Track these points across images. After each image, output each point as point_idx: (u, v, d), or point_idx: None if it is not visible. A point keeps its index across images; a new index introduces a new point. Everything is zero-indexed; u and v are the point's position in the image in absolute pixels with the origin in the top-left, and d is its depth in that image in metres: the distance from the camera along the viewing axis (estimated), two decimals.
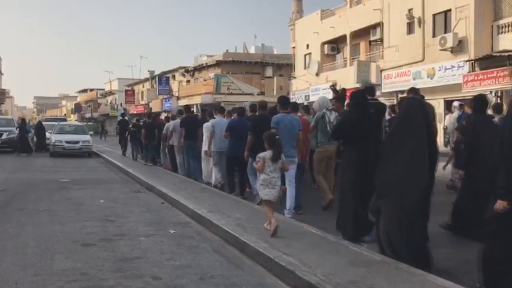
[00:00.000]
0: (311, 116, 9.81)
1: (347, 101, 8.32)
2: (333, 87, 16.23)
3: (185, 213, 8.21)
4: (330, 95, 19.87)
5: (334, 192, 8.00)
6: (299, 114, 9.42)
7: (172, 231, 6.89)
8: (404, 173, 4.78)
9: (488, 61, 18.00)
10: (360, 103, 6.33)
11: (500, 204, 3.89)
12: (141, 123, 17.88)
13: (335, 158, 8.24)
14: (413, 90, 8.55)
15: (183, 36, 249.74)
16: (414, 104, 5.20)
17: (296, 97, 30.52)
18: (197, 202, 8.40)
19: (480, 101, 6.55)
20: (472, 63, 18.69)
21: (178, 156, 13.40)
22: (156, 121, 16.36)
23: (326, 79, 27.99)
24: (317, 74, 29.32)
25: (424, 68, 20.90)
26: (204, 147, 10.84)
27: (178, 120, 13.37)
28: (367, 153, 5.72)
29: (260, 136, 6.69)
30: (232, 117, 10.61)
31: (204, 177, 11.44)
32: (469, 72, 18.67)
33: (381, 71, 23.81)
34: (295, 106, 9.28)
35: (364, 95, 6.72)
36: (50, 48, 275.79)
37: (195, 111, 27.25)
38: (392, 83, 22.89)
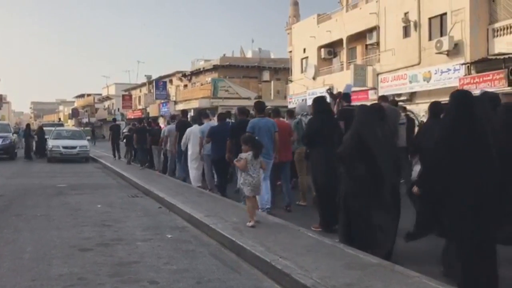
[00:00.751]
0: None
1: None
2: (329, 91, 16.44)
3: (182, 217, 8.22)
4: (327, 99, 19.99)
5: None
6: (282, 118, 10.12)
7: (169, 236, 6.90)
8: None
9: (484, 64, 18.08)
10: (323, 110, 7.16)
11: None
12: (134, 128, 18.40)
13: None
14: (383, 98, 9.57)
15: (180, 40, 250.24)
16: (365, 111, 5.80)
17: (294, 101, 30.60)
18: (194, 207, 8.41)
19: (435, 106, 6.42)
20: (468, 66, 18.77)
21: (170, 160, 14.08)
22: (151, 126, 16.87)
23: (323, 83, 28.06)
24: (314, 78, 29.39)
25: (421, 72, 20.98)
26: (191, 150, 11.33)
27: (173, 125, 13.68)
28: (332, 153, 6.19)
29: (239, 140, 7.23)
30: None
31: (192, 181, 11.66)
32: (465, 75, 18.75)
33: (378, 74, 23.89)
34: (277, 111, 9.98)
35: (326, 101, 7.63)
36: (47, 53, 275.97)
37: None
38: (388, 87, 22.96)
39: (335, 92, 18.56)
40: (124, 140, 19.93)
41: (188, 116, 15.21)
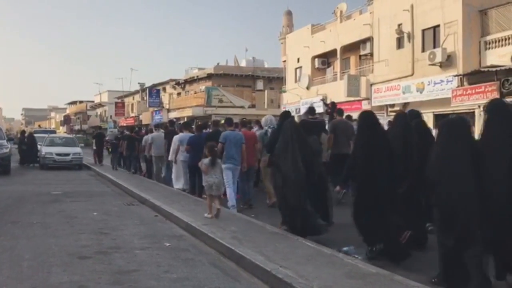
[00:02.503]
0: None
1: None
2: (323, 101, 16.67)
3: (179, 226, 8.24)
4: (321, 108, 20.17)
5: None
6: (254, 129, 11.60)
7: (168, 244, 6.92)
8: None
9: (476, 76, 18.29)
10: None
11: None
12: (120, 136, 20.19)
13: None
14: (310, 110, 10.90)
15: (174, 48, 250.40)
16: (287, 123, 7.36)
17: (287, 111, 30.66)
18: (191, 215, 8.43)
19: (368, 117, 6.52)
20: (460, 78, 18.97)
21: (155, 165, 15.16)
22: (139, 134, 18.08)
23: (317, 93, 28.20)
24: (307, 88, 29.52)
25: (414, 82, 21.17)
26: (171, 157, 12.62)
27: (156, 133, 15.10)
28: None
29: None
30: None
31: (175, 185, 12.82)
32: (458, 86, 18.94)
33: (371, 85, 24.07)
34: (245, 123, 11.60)
35: (288, 115, 8.50)
36: (39, 59, 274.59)
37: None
38: (382, 97, 23.13)
39: (328, 102, 18.80)
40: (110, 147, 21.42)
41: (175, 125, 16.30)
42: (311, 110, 11.02)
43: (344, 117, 11.60)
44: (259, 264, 5.28)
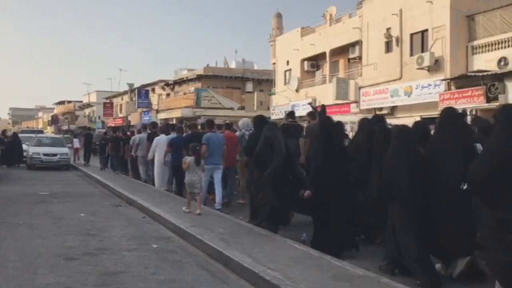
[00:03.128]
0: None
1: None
2: (311, 104, 16.95)
3: (167, 227, 8.22)
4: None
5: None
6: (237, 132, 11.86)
7: (155, 246, 6.90)
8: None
9: (464, 80, 18.50)
10: (259, 126, 8.39)
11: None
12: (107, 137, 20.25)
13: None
14: (290, 114, 11.41)
15: (164, 49, 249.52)
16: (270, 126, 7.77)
17: (276, 112, 30.76)
18: (179, 217, 8.42)
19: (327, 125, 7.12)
20: (448, 82, 19.17)
21: (141, 166, 15.28)
22: (126, 135, 18.19)
23: (306, 95, 28.32)
24: (297, 90, 29.63)
25: (402, 86, 21.34)
26: (150, 156, 13.09)
27: (144, 134, 15.26)
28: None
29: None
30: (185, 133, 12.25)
31: (157, 186, 13.04)
32: (445, 90, 19.14)
33: (360, 88, 24.22)
34: (229, 125, 11.93)
35: (263, 119, 8.86)
36: (26, 58, 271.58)
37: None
38: (370, 100, 23.28)
39: (317, 105, 18.90)
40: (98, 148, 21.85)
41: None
42: (291, 113, 11.52)
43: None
44: (247, 266, 5.29)
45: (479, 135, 6.39)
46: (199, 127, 13.12)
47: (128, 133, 18.99)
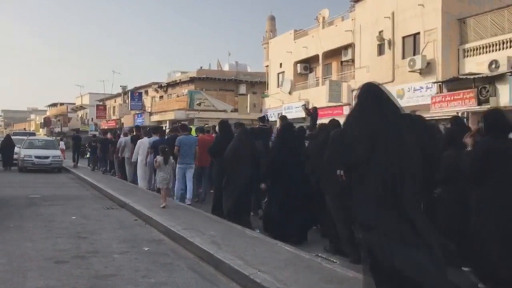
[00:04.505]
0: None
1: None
2: (304, 107, 17.03)
3: (158, 230, 8.19)
4: (302, 113, 20.25)
5: None
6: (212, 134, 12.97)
7: (146, 249, 6.88)
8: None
9: (455, 83, 18.61)
10: (224, 129, 10.05)
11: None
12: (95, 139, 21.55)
13: None
14: (261, 119, 12.48)
15: (157, 52, 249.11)
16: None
17: (270, 115, 30.77)
18: (171, 219, 8.40)
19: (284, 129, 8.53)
20: (439, 84, 19.28)
21: (127, 166, 15.78)
22: (116, 138, 18.39)
23: (299, 98, 28.37)
24: (290, 93, 29.68)
25: (394, 89, 21.39)
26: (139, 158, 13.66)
27: (129, 137, 15.84)
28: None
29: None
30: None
31: (140, 185, 13.79)
32: (437, 93, 19.25)
33: (352, 90, 24.25)
34: (202, 129, 13.28)
35: (228, 124, 10.21)
36: (18, 60, 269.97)
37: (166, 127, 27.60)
38: None
39: (310, 107, 18.92)
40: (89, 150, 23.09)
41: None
42: (262, 118, 12.75)
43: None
44: (238, 268, 5.29)
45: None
46: (209, 129, 14.52)
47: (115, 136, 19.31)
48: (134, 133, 16.11)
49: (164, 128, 18.14)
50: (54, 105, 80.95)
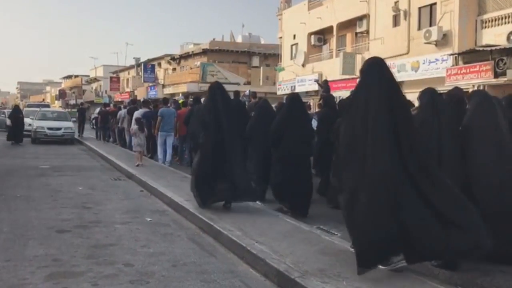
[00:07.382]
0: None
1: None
2: (317, 81, 16.87)
3: (163, 201, 8.22)
4: (316, 87, 20.00)
5: None
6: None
7: (149, 219, 6.90)
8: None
9: (472, 55, 18.11)
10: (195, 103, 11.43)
11: None
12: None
13: None
14: (236, 93, 12.28)
15: (170, 23, 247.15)
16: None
17: (283, 87, 30.51)
18: (176, 191, 8.41)
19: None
20: (455, 57, 18.78)
21: (127, 135, 17.06)
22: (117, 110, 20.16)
23: (312, 70, 27.98)
24: (303, 65, 29.27)
25: (409, 61, 20.96)
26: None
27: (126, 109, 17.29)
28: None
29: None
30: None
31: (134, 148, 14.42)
32: (453, 65, 18.78)
33: None
34: (177, 103, 14.65)
35: (198, 99, 11.73)
36: (34, 33, 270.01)
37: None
38: None
39: (321, 80, 18.68)
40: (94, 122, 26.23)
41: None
42: (252, 93, 13.88)
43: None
44: (235, 239, 5.27)
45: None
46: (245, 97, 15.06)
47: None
48: (129, 107, 17.62)
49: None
50: (69, 77, 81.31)
